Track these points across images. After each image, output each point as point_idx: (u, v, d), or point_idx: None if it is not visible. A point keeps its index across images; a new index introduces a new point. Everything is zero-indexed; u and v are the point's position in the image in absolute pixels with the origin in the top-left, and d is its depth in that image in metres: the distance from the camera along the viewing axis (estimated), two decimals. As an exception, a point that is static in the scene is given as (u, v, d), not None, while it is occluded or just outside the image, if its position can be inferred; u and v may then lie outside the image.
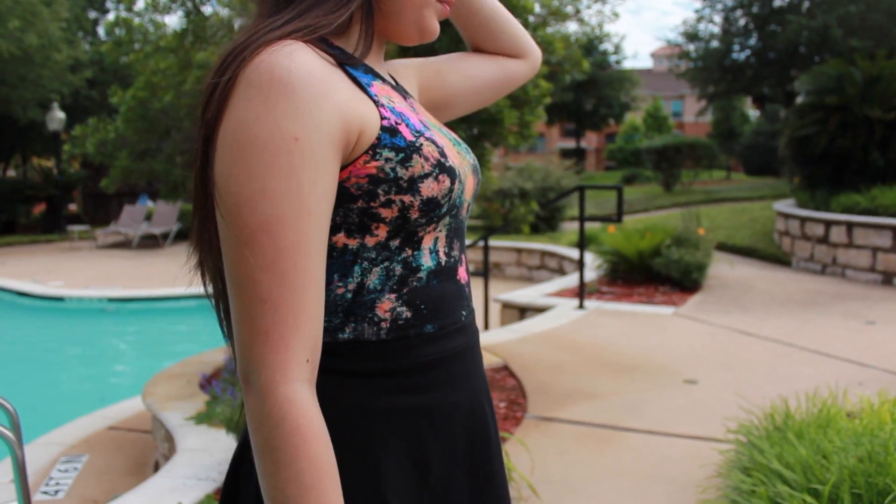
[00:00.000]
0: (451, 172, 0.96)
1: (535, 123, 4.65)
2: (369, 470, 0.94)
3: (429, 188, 0.93)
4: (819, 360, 5.17)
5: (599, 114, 32.13)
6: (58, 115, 18.62)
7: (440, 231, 0.99)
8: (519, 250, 11.68)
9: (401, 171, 0.91)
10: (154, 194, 21.03)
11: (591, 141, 52.62)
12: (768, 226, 11.82)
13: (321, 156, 0.85)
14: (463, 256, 1.06)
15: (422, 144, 0.93)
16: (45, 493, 4.26)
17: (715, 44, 22.39)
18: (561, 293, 7.78)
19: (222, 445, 3.69)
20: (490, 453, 1.07)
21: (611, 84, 31.89)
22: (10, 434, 3.28)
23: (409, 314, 0.97)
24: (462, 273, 1.05)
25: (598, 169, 47.38)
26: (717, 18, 22.30)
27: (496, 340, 5.80)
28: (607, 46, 32.24)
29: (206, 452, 3.63)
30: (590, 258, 8.96)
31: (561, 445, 3.80)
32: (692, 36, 23.05)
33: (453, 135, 1.09)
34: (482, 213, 13.79)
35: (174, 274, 12.59)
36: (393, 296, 0.96)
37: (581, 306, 6.96)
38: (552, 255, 11.09)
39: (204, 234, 0.94)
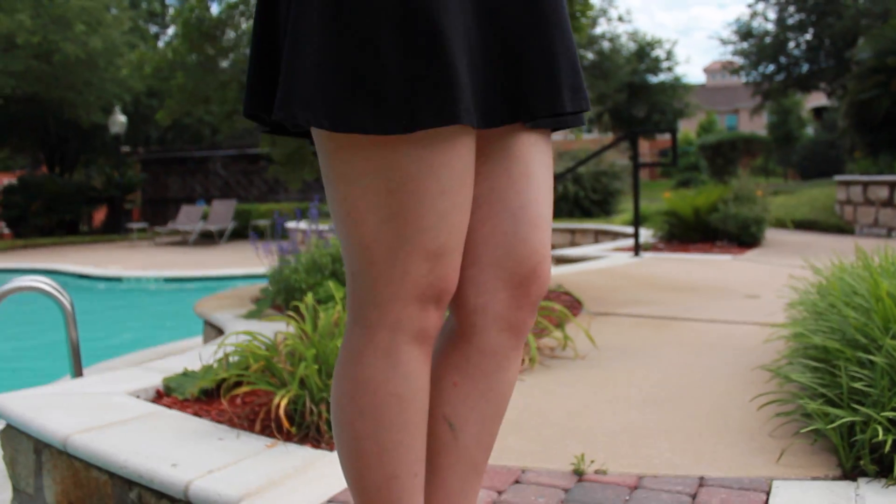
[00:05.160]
0: None
1: None
2: None
3: None
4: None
5: (652, 120, 31.77)
6: (119, 119, 19.12)
7: None
8: (573, 231, 11.52)
9: None
10: (209, 200, 21.43)
11: (645, 156, 51.99)
12: (828, 203, 11.46)
13: None
14: None
15: None
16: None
17: (769, 40, 22.02)
18: (615, 249, 7.64)
19: (274, 327, 3.65)
20: None
21: (663, 91, 31.54)
22: (66, 306, 3.29)
23: None
24: None
25: (653, 179, 46.69)
26: (771, 14, 21.95)
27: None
28: (659, 53, 31.94)
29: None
30: (644, 232, 8.77)
31: (619, 329, 3.68)
32: (746, 34, 22.71)
33: None
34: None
35: (231, 261, 12.75)
36: None
37: (636, 255, 6.81)
38: (606, 233, 10.90)
39: None
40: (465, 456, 1.15)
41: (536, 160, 1.11)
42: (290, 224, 11.79)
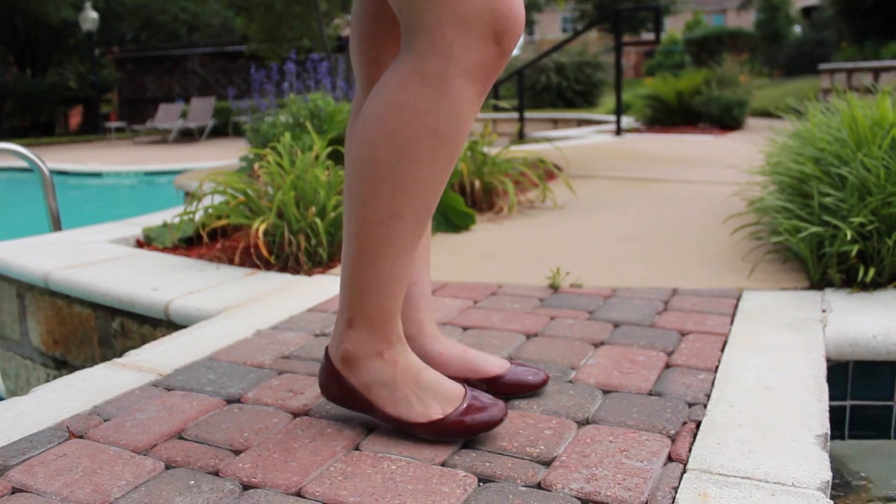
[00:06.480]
0: None
1: None
2: None
3: None
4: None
5: (637, 17, 31.12)
6: (90, 15, 18.54)
7: None
8: (555, 120, 11.45)
9: None
10: (188, 99, 21.03)
11: (629, 57, 51.29)
12: (813, 94, 11.40)
13: None
14: None
15: None
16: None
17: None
18: (598, 132, 7.62)
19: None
20: None
21: (650, -14, 30.81)
22: (45, 171, 3.26)
23: None
24: None
25: (637, 77, 46.17)
26: None
27: (529, 149, 5.68)
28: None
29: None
30: (626, 119, 8.71)
31: (599, 187, 3.70)
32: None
33: None
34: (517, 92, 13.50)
35: (212, 155, 12.62)
36: None
37: (618, 135, 6.79)
38: (588, 121, 10.85)
39: None
40: None
41: None
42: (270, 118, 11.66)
